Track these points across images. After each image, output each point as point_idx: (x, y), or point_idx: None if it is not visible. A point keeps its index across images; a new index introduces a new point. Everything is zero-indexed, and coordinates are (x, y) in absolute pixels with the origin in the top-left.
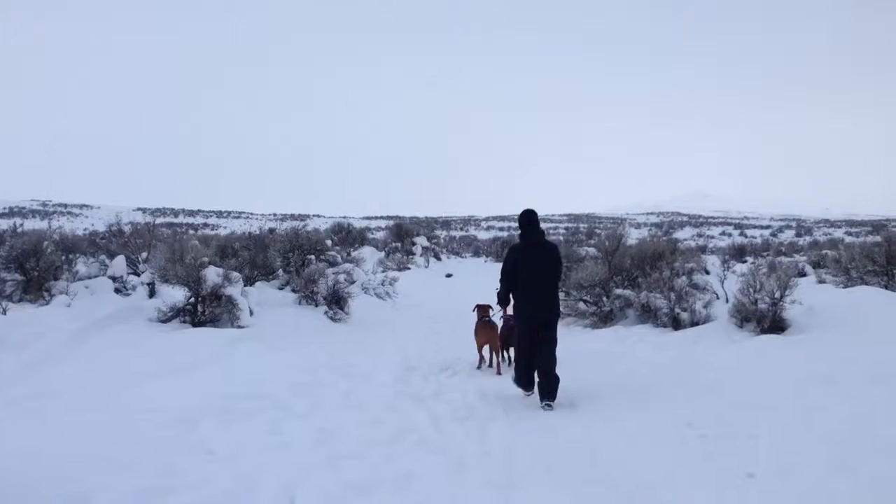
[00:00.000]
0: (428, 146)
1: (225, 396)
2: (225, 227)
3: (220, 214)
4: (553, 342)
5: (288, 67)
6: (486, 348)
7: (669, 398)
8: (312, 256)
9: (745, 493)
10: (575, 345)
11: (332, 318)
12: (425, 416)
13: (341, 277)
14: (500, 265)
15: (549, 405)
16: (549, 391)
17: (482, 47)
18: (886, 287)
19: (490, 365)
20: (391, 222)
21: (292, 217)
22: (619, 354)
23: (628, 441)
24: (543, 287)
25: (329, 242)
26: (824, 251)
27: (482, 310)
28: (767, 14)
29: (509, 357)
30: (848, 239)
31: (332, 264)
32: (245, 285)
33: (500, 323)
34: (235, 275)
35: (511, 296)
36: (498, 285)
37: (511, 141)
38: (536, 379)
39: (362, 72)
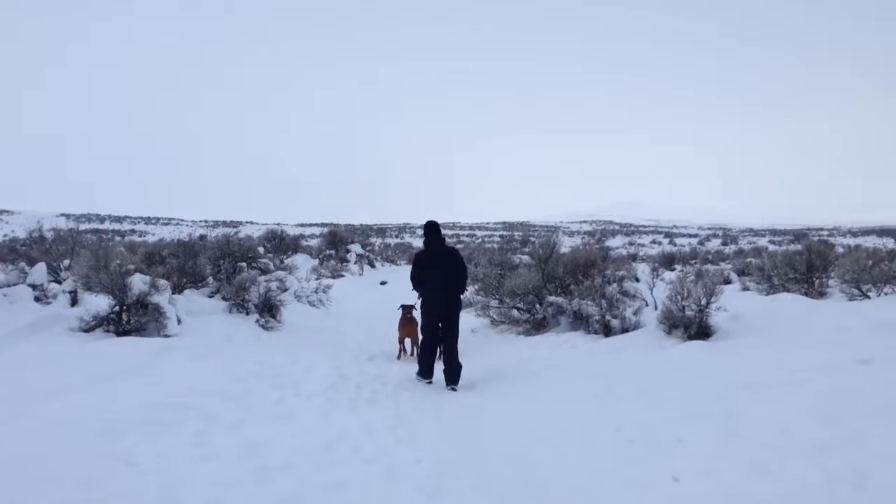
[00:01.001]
0: (363, 154)
1: (150, 407)
2: (153, 234)
3: (148, 221)
4: (455, 334)
5: (222, 69)
6: (407, 341)
7: (599, 404)
8: (244, 264)
9: (670, 496)
10: (509, 356)
11: (263, 327)
12: (358, 424)
13: (273, 285)
14: None
15: (453, 388)
16: (453, 376)
17: (429, 52)
18: (807, 294)
19: (411, 355)
20: (325, 230)
21: (224, 224)
22: (551, 362)
23: (557, 446)
24: (445, 286)
25: (261, 250)
26: (749, 259)
27: (406, 309)
28: (700, 21)
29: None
30: (772, 247)
31: (265, 272)
32: (173, 293)
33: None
34: (163, 282)
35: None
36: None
37: (447, 150)
38: (441, 367)
39: (297, 75)
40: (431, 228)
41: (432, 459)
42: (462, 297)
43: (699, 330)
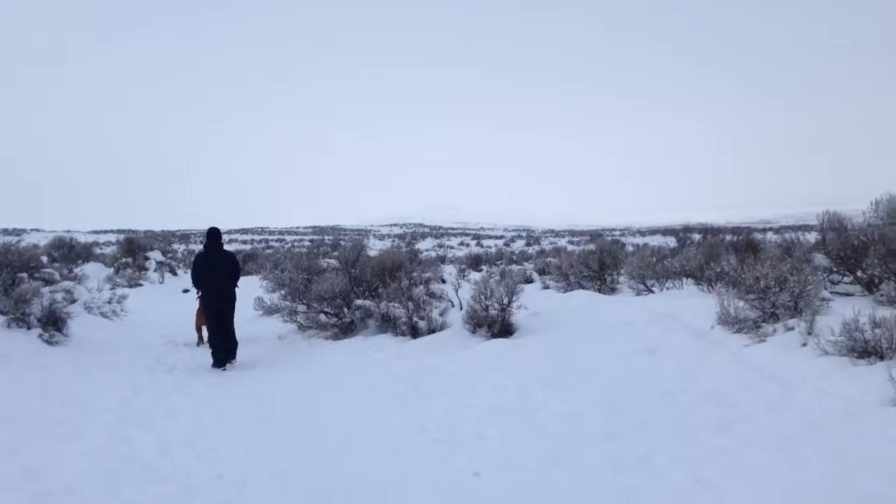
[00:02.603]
0: (167, 154)
1: None
2: None
3: None
4: (231, 321)
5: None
6: (203, 329)
7: (404, 405)
8: (25, 274)
9: (471, 491)
10: (317, 361)
11: (48, 342)
12: (152, 441)
13: (59, 296)
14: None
15: (231, 363)
16: (231, 353)
17: (245, 48)
18: (600, 290)
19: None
20: (122, 237)
21: (5, 232)
22: (359, 366)
23: (362, 449)
24: (221, 285)
25: (45, 259)
26: (549, 259)
27: (202, 313)
28: (500, 26)
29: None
30: (570, 247)
31: (49, 282)
32: None
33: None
34: None
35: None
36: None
37: (257, 153)
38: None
39: (85, 77)
40: (211, 234)
41: (235, 473)
42: (236, 290)
43: (502, 328)
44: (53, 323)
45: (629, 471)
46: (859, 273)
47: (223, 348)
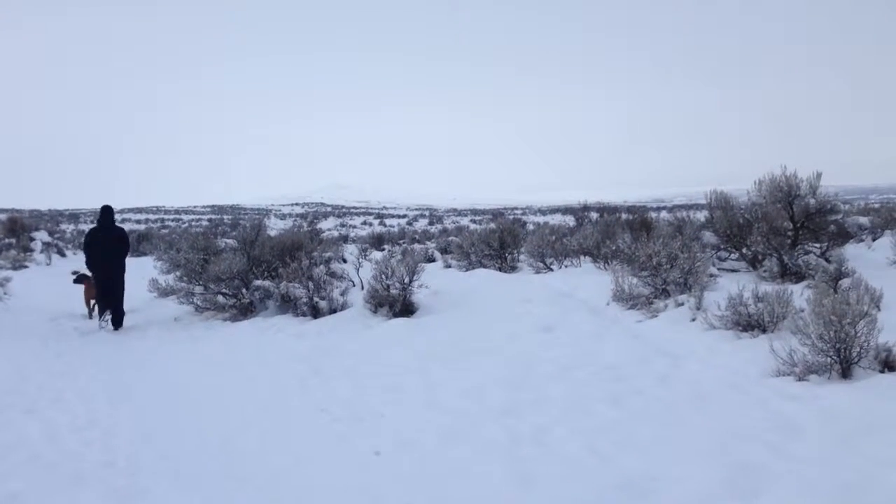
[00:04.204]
0: (47, 131)
1: None
2: None
3: None
4: (120, 291)
5: None
6: (92, 302)
7: (304, 386)
8: None
9: (371, 469)
10: (215, 343)
11: None
12: (38, 428)
13: None
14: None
15: (117, 328)
16: (118, 321)
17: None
18: (500, 269)
19: (98, 315)
20: (4, 216)
21: None
22: (261, 347)
23: (262, 432)
24: (109, 257)
25: None
26: (451, 238)
27: (86, 280)
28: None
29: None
30: (472, 226)
31: None
32: None
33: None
34: None
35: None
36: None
37: (159, 129)
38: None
39: None
40: (105, 211)
41: (128, 459)
42: (125, 261)
43: (403, 307)
44: None
45: (526, 444)
46: (744, 250)
47: (113, 314)
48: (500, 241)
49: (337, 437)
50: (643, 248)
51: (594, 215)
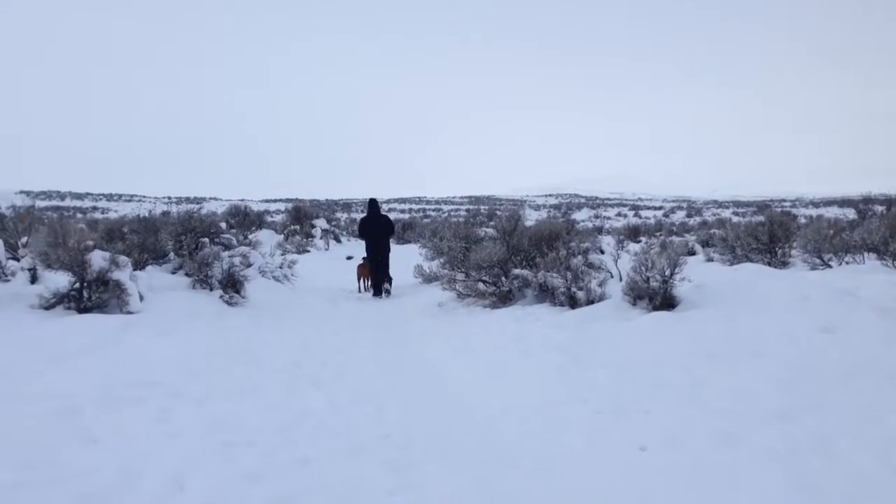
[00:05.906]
0: (329, 128)
1: (112, 384)
2: (115, 211)
3: (110, 198)
4: (387, 268)
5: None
6: (362, 279)
7: (565, 376)
8: (206, 239)
9: (637, 465)
10: (475, 328)
11: (227, 303)
12: (323, 400)
13: (237, 260)
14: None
15: (388, 292)
16: (387, 290)
17: (386, 25)
18: (769, 264)
19: (366, 289)
20: (290, 205)
21: (188, 200)
22: (516, 336)
23: (523, 419)
24: (378, 240)
25: (224, 225)
26: (712, 230)
27: (363, 267)
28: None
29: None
30: (735, 219)
31: (228, 247)
32: (135, 269)
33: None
34: (123, 258)
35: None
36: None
37: (418, 125)
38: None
39: (256, 55)
40: (371, 203)
41: (400, 434)
42: (391, 241)
43: (664, 301)
44: (232, 285)
45: (807, 453)
46: None
47: (381, 284)
48: (769, 235)
49: (600, 429)
50: None
51: (879, 208)
